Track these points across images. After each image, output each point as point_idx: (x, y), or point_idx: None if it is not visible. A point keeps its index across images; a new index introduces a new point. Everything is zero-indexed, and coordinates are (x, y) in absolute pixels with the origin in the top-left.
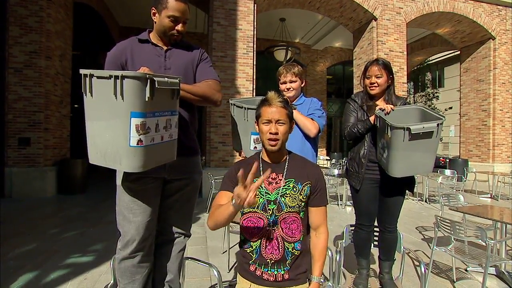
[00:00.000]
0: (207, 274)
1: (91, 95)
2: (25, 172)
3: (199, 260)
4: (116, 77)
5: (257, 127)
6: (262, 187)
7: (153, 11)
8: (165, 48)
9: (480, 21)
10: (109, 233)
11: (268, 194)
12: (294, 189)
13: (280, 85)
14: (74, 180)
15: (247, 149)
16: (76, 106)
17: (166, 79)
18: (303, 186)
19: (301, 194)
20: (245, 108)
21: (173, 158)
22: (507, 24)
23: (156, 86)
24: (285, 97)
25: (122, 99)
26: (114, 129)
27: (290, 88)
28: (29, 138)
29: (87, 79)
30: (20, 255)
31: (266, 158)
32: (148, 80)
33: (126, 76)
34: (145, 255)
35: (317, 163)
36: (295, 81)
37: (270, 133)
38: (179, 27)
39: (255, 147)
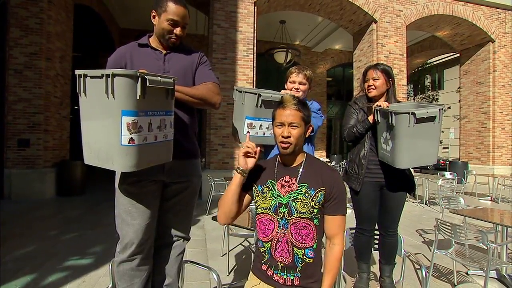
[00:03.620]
0: (207, 277)
1: (85, 95)
2: (24, 173)
3: (198, 264)
4: (108, 76)
5: (272, 130)
6: (274, 189)
7: (153, 13)
8: (164, 52)
9: (479, 24)
10: (107, 235)
11: (280, 197)
12: (306, 194)
13: (288, 84)
14: (73, 182)
15: (241, 133)
16: (76, 107)
17: (158, 78)
18: (316, 193)
19: (313, 201)
20: (244, 92)
21: (169, 159)
22: (506, 27)
23: (148, 84)
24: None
25: (114, 97)
26: (106, 128)
27: (298, 89)
28: (28, 140)
29: (81, 79)
30: (18, 257)
31: (281, 160)
32: (139, 78)
33: (116, 74)
34: (144, 258)
35: None
36: (304, 84)
37: (282, 136)
38: (177, 31)
39: (248, 132)
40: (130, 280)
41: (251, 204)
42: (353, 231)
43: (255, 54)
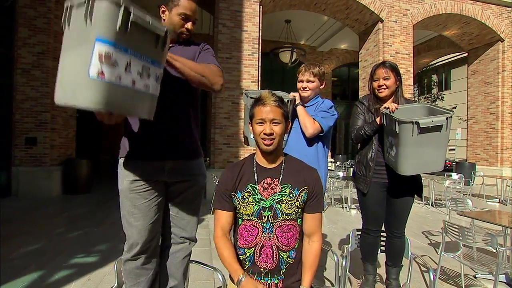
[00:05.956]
0: (211, 277)
1: (68, 27)
2: (31, 171)
3: (203, 264)
4: (89, 0)
5: (251, 128)
6: (256, 193)
7: (162, 9)
8: (170, 44)
9: (488, 23)
10: (113, 233)
11: (263, 200)
12: (291, 195)
13: (297, 83)
14: (79, 180)
15: (249, 136)
16: None
17: (148, 18)
18: (300, 192)
19: (298, 201)
20: (249, 97)
21: (149, 117)
22: None
23: (132, 18)
24: (294, 96)
25: (91, 22)
26: (77, 58)
27: (306, 88)
28: (35, 138)
29: (67, 10)
30: (25, 255)
31: (260, 161)
32: (123, 7)
33: None
34: (149, 257)
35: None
36: (312, 81)
37: (265, 133)
38: (188, 25)
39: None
40: (136, 278)
41: None
42: (359, 232)
43: (260, 54)
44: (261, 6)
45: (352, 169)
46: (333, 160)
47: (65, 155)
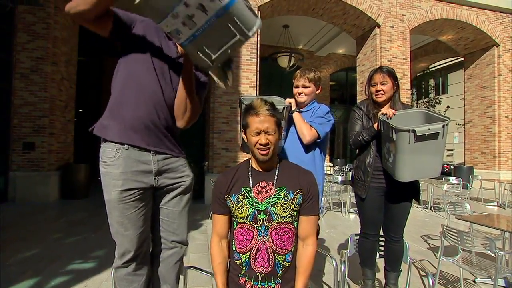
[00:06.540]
0: (209, 282)
1: None
2: (29, 176)
3: (201, 270)
4: None
5: (244, 136)
6: (251, 197)
7: None
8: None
9: (483, 28)
10: (110, 239)
11: (258, 204)
12: (286, 197)
13: (293, 89)
14: (77, 185)
15: (245, 143)
16: (80, 111)
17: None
18: (295, 195)
19: (293, 203)
20: (244, 104)
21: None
22: (511, 31)
23: None
24: (290, 103)
25: None
26: None
27: (301, 93)
28: (33, 143)
29: None
30: (22, 260)
31: (255, 166)
32: None
33: None
34: (139, 263)
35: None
36: (308, 87)
37: (260, 144)
38: None
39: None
40: (128, 285)
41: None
42: (358, 237)
43: (258, 59)
44: (259, 11)
45: (350, 173)
46: (331, 164)
47: (63, 160)
